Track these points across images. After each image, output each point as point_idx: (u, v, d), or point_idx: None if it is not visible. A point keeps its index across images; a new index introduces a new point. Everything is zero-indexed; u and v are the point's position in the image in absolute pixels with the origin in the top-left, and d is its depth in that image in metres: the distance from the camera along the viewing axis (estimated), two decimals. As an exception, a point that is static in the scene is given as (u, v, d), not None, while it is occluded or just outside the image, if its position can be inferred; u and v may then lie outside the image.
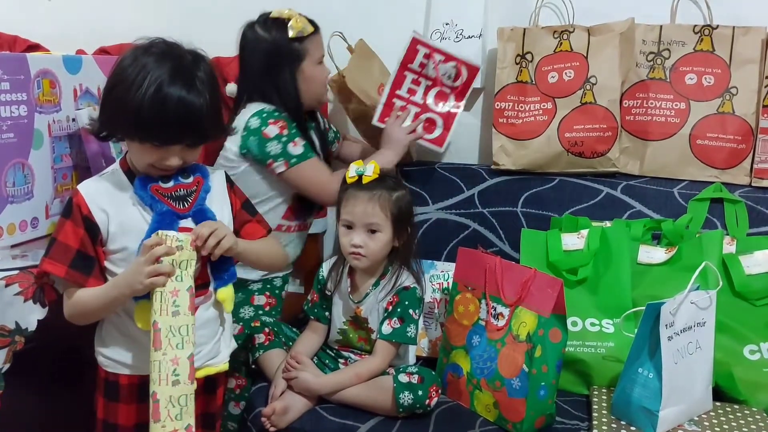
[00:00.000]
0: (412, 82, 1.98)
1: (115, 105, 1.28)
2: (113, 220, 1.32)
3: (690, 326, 1.46)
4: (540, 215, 1.92)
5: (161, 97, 1.23)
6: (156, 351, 1.23)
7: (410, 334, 1.59)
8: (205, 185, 1.39)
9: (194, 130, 1.29)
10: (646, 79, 1.97)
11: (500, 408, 1.50)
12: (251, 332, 1.74)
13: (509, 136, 2.01)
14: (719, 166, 1.90)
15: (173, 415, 1.22)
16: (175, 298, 1.25)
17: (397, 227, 1.60)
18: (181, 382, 1.23)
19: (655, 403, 1.42)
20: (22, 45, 2.10)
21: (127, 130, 1.30)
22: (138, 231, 1.32)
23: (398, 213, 1.59)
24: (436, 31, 2.07)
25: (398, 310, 1.59)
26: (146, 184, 1.33)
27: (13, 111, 1.50)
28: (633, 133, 1.98)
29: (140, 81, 1.23)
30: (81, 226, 1.30)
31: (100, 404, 1.42)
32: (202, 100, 1.26)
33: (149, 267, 1.24)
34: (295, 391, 1.56)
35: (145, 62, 1.25)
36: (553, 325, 1.47)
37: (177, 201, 1.35)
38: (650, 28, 1.96)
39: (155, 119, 1.23)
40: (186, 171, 1.37)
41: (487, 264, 1.60)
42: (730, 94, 1.90)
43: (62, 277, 1.31)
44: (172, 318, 1.24)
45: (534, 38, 2.00)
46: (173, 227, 1.32)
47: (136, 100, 1.23)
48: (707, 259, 1.58)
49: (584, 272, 1.74)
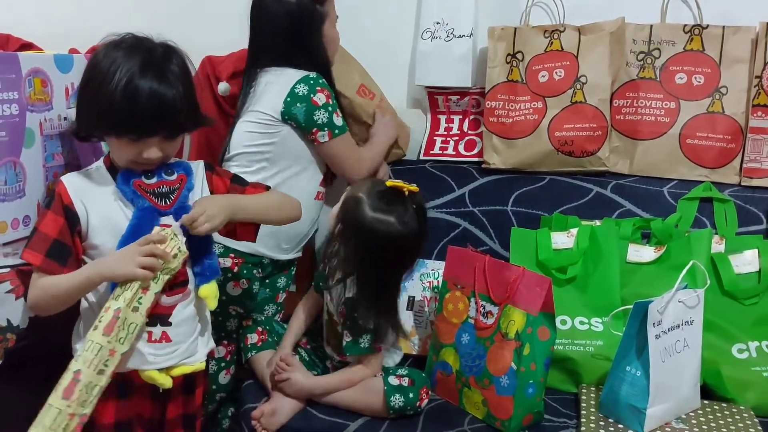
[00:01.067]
0: (446, 122, 2.16)
1: (89, 102, 1.28)
2: (94, 214, 1.31)
3: (678, 325, 1.47)
4: (530, 214, 1.93)
5: (132, 90, 1.22)
6: (103, 335, 1.21)
7: (363, 345, 1.54)
8: (188, 183, 1.38)
9: (169, 122, 1.28)
10: (636, 79, 1.98)
11: (489, 406, 1.51)
12: (243, 332, 1.74)
13: (500, 135, 2.02)
14: (709, 165, 1.91)
15: (81, 400, 1.20)
16: (142, 295, 1.25)
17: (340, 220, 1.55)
18: (105, 374, 1.22)
19: (642, 401, 1.42)
20: (15, 44, 2.10)
21: (103, 126, 1.29)
22: (118, 226, 1.31)
23: (344, 208, 1.54)
24: (426, 30, 2.07)
25: (348, 323, 1.55)
26: (129, 179, 1.32)
27: (4, 110, 1.50)
28: (623, 133, 1.99)
29: (111, 75, 1.23)
30: (61, 215, 1.29)
31: None
32: (174, 92, 1.25)
33: (145, 259, 1.23)
34: (285, 393, 1.56)
35: (115, 57, 1.25)
36: (541, 323, 1.48)
37: (159, 198, 1.34)
38: (640, 27, 1.97)
39: (128, 112, 1.23)
40: (170, 168, 1.36)
41: (477, 262, 1.61)
42: (720, 93, 1.91)
43: (37, 265, 1.28)
44: (131, 312, 1.24)
45: (525, 37, 2.01)
46: (154, 224, 1.31)
47: (108, 94, 1.23)
48: (696, 258, 1.59)
49: (573, 271, 1.75)
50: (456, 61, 2.04)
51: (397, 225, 1.48)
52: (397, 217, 1.48)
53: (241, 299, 1.81)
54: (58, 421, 1.19)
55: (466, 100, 2.10)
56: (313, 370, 1.67)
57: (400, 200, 1.50)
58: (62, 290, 1.29)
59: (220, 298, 1.75)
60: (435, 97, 2.15)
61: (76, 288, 1.29)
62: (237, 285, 1.79)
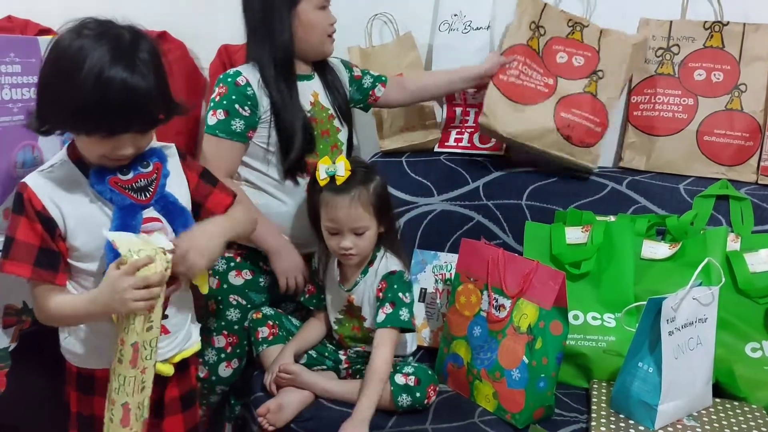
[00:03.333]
0: (462, 114, 2.13)
1: (54, 97, 1.17)
2: (70, 216, 1.24)
3: (691, 322, 1.46)
4: (545, 209, 1.92)
5: (102, 85, 1.12)
6: (132, 368, 1.22)
7: (404, 318, 1.57)
8: (164, 170, 1.31)
9: (143, 116, 1.19)
10: (654, 75, 1.97)
11: (500, 398, 1.51)
12: (254, 325, 1.73)
13: (507, 96, 1.93)
14: (726, 162, 1.90)
15: (138, 416, 1.25)
16: (150, 314, 1.22)
17: (381, 216, 1.60)
18: (146, 387, 1.25)
19: (654, 398, 1.42)
20: (34, 29, 2.12)
21: (70, 124, 1.20)
22: (97, 225, 1.24)
23: (379, 204, 1.59)
24: (444, 22, 2.07)
25: (388, 295, 1.58)
26: (103, 178, 1.24)
27: (24, 93, 1.52)
28: (640, 128, 1.98)
29: (78, 68, 1.12)
30: (36, 221, 1.22)
31: (73, 398, 1.38)
32: (147, 83, 1.15)
33: (137, 292, 1.17)
34: (297, 384, 1.56)
35: (81, 45, 1.14)
36: (554, 317, 1.48)
37: (138, 192, 1.28)
38: (660, 23, 1.96)
39: (99, 109, 1.13)
40: (144, 159, 1.28)
41: (490, 255, 1.60)
42: (739, 90, 1.90)
43: (29, 277, 1.23)
44: (146, 333, 1.22)
45: (550, 17, 1.98)
46: (137, 220, 1.26)
47: (76, 89, 1.12)
48: (711, 256, 1.58)
49: (587, 266, 1.74)
50: (473, 54, 2.03)
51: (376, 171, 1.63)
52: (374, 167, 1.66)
53: (243, 290, 1.79)
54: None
55: (483, 93, 2.08)
56: (322, 365, 1.68)
57: (358, 168, 1.61)
58: (67, 321, 1.29)
59: (221, 287, 1.76)
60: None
61: (83, 322, 1.29)
62: (239, 275, 1.79)
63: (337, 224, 1.56)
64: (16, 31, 2.09)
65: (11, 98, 1.48)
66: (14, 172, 1.50)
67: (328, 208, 1.57)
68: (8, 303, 1.36)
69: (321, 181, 1.57)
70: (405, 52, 2.09)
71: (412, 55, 2.09)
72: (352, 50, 2.08)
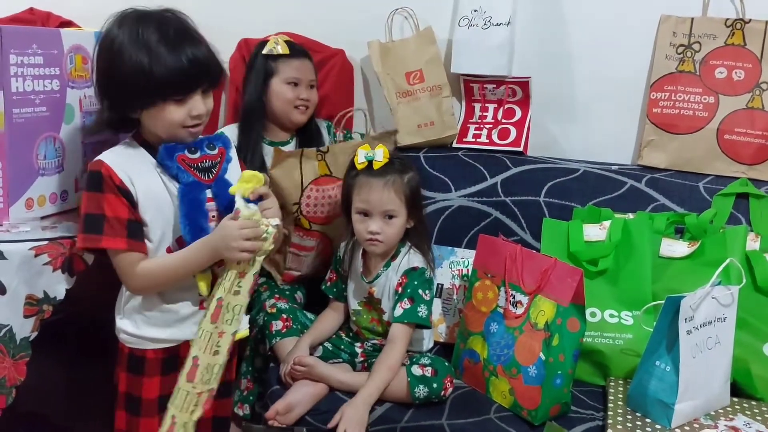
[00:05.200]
0: (480, 110, 2.15)
1: (123, 78, 1.29)
2: (140, 191, 1.32)
3: (710, 321, 1.45)
4: (563, 205, 1.91)
5: (168, 50, 1.26)
6: (211, 323, 1.29)
7: (421, 314, 1.59)
8: (227, 156, 1.40)
9: (207, 72, 1.32)
10: (675, 72, 1.95)
11: (516, 395, 1.51)
12: (268, 319, 1.74)
13: None
14: (746, 161, 1.89)
15: (204, 380, 1.30)
16: (240, 279, 1.31)
17: (411, 209, 1.63)
18: (219, 353, 1.31)
19: (671, 397, 1.42)
20: (56, 21, 2.13)
21: (145, 97, 1.29)
22: (160, 201, 1.33)
23: (411, 195, 1.62)
24: (464, 18, 2.06)
25: (408, 290, 1.60)
26: (173, 153, 1.33)
27: (46, 85, 1.53)
28: (660, 126, 1.97)
29: (141, 45, 1.26)
30: (120, 195, 1.30)
31: (122, 378, 1.43)
32: (202, 44, 1.31)
33: (244, 243, 1.27)
34: (313, 378, 1.57)
35: (133, 29, 1.28)
36: (571, 314, 1.48)
37: (202, 172, 1.36)
38: (681, 20, 1.94)
39: (170, 71, 1.26)
40: (210, 142, 1.38)
41: (508, 252, 1.60)
42: (761, 89, 1.88)
43: (124, 249, 1.31)
44: (233, 296, 1.30)
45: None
46: (203, 197, 1.34)
47: (144, 62, 1.25)
48: (730, 255, 1.57)
49: (605, 263, 1.73)
50: (493, 50, 2.02)
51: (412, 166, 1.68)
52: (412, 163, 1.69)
53: None
54: (188, 401, 1.30)
55: (503, 89, 2.08)
56: (338, 358, 1.68)
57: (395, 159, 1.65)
58: (180, 273, 1.34)
59: None
60: (471, 85, 2.13)
61: (196, 268, 1.34)
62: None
63: (368, 205, 1.60)
64: (37, 23, 2.10)
65: (33, 90, 1.49)
66: (36, 164, 1.52)
67: (362, 190, 1.61)
68: (30, 293, 1.37)
69: (359, 164, 1.62)
70: (425, 47, 2.09)
71: (431, 50, 2.09)
72: (372, 44, 2.08)
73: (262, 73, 1.96)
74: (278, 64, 1.95)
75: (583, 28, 2.05)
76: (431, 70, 2.09)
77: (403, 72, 2.09)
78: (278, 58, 1.95)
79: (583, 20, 2.05)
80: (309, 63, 2.00)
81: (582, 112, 2.10)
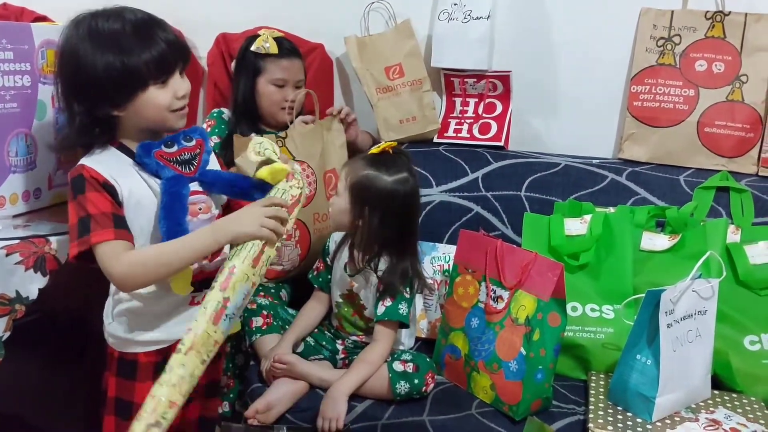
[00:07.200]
0: (461, 105, 2.13)
1: (101, 73, 1.24)
2: (124, 189, 1.29)
3: (690, 314, 1.45)
4: (544, 200, 1.91)
5: (143, 35, 1.26)
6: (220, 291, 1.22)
7: (402, 312, 1.57)
8: (206, 146, 1.38)
9: (183, 49, 1.33)
10: (655, 65, 1.95)
11: (497, 390, 1.50)
12: (248, 315, 1.71)
13: None
14: (726, 154, 1.89)
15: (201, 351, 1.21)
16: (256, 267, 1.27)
17: (356, 202, 1.58)
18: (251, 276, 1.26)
19: (652, 390, 1.42)
20: (30, 16, 2.10)
21: (126, 86, 1.26)
22: (142, 200, 1.30)
23: (358, 189, 1.57)
24: (444, 12, 2.04)
25: (388, 289, 1.58)
26: (149, 150, 1.30)
27: (16, 81, 1.50)
28: (640, 119, 1.96)
29: (106, 37, 1.24)
30: (104, 191, 1.26)
31: (112, 383, 1.38)
32: (163, 22, 1.31)
33: (268, 220, 1.26)
34: (293, 376, 1.55)
35: (102, 26, 1.26)
36: (552, 309, 1.47)
37: (182, 165, 1.33)
38: (661, 13, 1.95)
39: (150, 55, 1.25)
40: (187, 134, 1.35)
41: (489, 247, 1.59)
42: (740, 81, 1.88)
43: (113, 239, 1.23)
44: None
45: None
46: (185, 192, 1.31)
47: (118, 51, 1.23)
48: (711, 248, 1.57)
49: (586, 257, 1.73)
50: (473, 44, 2.01)
51: (410, 178, 1.59)
52: (406, 171, 1.59)
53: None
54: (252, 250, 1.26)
55: (483, 83, 2.07)
56: (319, 354, 1.67)
57: (393, 158, 1.60)
58: (179, 257, 1.27)
59: None
60: (451, 80, 2.12)
61: (200, 252, 1.28)
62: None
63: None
64: (11, 18, 2.07)
65: (3, 85, 1.46)
66: (7, 161, 1.49)
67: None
68: (1, 292, 1.34)
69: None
70: (403, 41, 2.08)
71: (410, 44, 2.08)
72: (349, 39, 2.07)
73: (251, 71, 1.94)
74: (266, 63, 1.92)
75: (564, 21, 2.05)
76: (411, 64, 2.08)
77: (382, 67, 2.08)
78: (266, 56, 1.92)
79: (564, 14, 2.04)
80: (298, 62, 1.97)
81: (563, 106, 2.10)
